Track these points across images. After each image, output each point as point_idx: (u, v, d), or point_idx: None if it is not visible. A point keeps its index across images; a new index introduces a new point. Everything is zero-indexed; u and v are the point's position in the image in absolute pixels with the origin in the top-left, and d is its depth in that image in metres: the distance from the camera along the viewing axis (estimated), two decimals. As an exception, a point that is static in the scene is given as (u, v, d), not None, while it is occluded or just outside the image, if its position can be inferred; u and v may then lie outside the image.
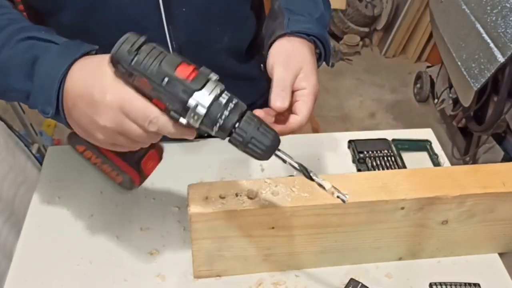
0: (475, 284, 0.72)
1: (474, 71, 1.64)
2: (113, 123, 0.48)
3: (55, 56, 0.51)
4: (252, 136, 0.48)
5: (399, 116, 2.46)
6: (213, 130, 0.48)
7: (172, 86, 0.45)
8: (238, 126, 0.48)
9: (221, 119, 0.47)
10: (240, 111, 0.48)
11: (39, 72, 0.51)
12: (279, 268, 0.71)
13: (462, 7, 1.73)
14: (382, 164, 0.87)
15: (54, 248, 0.73)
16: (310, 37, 0.64)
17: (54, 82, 0.50)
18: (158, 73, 0.45)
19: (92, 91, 0.48)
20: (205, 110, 0.46)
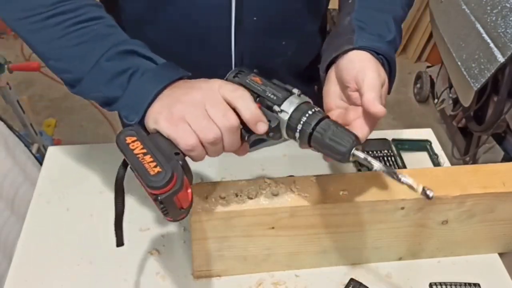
0: (475, 284, 0.72)
1: (474, 71, 1.64)
2: (208, 91, 0.52)
3: (153, 75, 0.55)
4: (331, 136, 0.53)
5: (399, 116, 2.46)
6: (295, 134, 0.54)
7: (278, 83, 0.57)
8: (318, 126, 0.53)
9: (304, 117, 0.53)
10: (319, 116, 0.54)
11: (133, 85, 0.55)
12: (279, 268, 0.71)
13: (462, 7, 1.73)
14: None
15: (54, 248, 0.73)
16: (380, 56, 0.60)
17: (147, 97, 0.53)
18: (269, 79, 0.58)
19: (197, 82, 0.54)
20: (300, 101, 0.54)
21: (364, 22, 0.63)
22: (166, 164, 0.49)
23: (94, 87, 0.57)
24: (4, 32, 2.79)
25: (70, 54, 0.58)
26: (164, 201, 0.50)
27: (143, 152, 0.51)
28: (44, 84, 2.48)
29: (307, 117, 0.53)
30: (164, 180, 0.48)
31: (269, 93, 0.55)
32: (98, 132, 2.25)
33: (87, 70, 0.56)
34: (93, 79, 0.57)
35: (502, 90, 1.60)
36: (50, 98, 2.43)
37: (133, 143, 0.52)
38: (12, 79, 1.65)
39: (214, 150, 0.54)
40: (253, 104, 0.53)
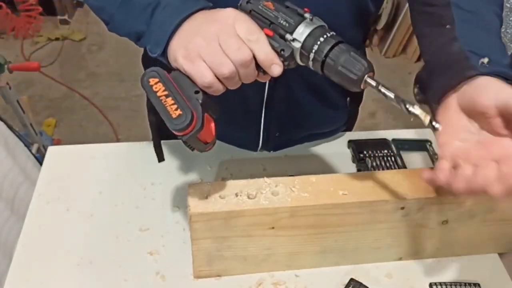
0: (475, 284, 0.72)
1: (474, 71, 1.64)
2: (221, 22, 0.53)
3: (174, 8, 0.56)
4: (343, 63, 0.52)
5: (399, 116, 2.45)
6: (311, 52, 0.53)
7: (292, 7, 0.55)
8: (331, 53, 0.52)
9: (316, 45, 0.52)
10: (332, 42, 0.53)
11: (156, 19, 0.56)
12: (279, 268, 0.71)
13: (462, 7, 1.73)
14: (382, 164, 0.87)
15: (54, 248, 0.73)
16: (509, 81, 0.55)
17: (168, 30, 0.55)
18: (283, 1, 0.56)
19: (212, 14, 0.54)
20: (315, 26, 0.53)
21: (476, 47, 0.59)
22: (186, 106, 0.53)
23: (124, 22, 0.60)
24: (4, 32, 2.79)
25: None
26: (188, 141, 0.54)
27: (165, 94, 0.54)
28: (44, 84, 2.48)
29: (319, 44, 0.53)
30: (185, 123, 0.52)
31: (281, 20, 0.55)
32: (98, 132, 2.25)
33: (117, 6, 0.60)
34: (122, 13, 0.60)
35: (502, 90, 1.60)
36: (50, 98, 2.43)
37: (155, 85, 0.55)
38: (12, 79, 1.65)
39: (232, 83, 0.54)
40: (267, 47, 0.53)
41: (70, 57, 2.70)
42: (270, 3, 0.56)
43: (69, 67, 2.62)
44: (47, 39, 2.79)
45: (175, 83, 0.55)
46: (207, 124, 0.55)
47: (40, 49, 2.75)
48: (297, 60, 0.55)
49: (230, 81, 0.54)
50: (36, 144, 1.72)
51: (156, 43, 0.56)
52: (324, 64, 0.53)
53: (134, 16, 0.58)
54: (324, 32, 0.53)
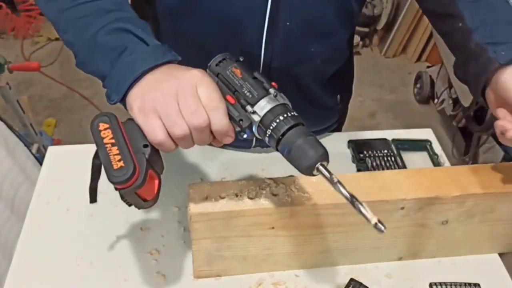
0: (475, 284, 0.72)
1: (474, 71, 1.64)
2: (182, 83, 0.51)
3: (140, 55, 0.55)
4: (298, 146, 0.51)
5: (399, 116, 2.46)
6: (264, 138, 0.53)
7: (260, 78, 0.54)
8: (287, 134, 0.51)
9: (275, 122, 0.52)
10: (294, 122, 0.52)
11: (121, 64, 0.55)
12: (279, 268, 0.71)
13: (462, 7, 1.73)
14: (382, 164, 0.87)
15: (54, 248, 0.73)
16: None
17: (129, 77, 0.54)
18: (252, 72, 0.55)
19: (177, 69, 0.54)
20: (277, 103, 0.53)
21: (491, 36, 0.62)
22: (130, 160, 0.51)
23: (89, 60, 0.59)
24: (4, 32, 2.79)
25: (74, 26, 0.60)
26: (125, 195, 0.53)
27: (111, 142, 0.52)
28: (44, 84, 2.48)
29: (278, 122, 0.52)
30: (125, 177, 0.50)
31: (245, 90, 0.54)
32: (98, 132, 2.25)
33: (83, 43, 0.58)
34: (89, 52, 0.58)
35: (502, 90, 1.60)
36: (50, 98, 2.43)
37: (104, 131, 0.54)
38: (12, 79, 1.65)
39: (185, 144, 0.53)
40: (225, 118, 0.52)
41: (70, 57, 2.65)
42: (239, 70, 0.55)
43: (69, 67, 2.62)
44: (47, 39, 2.79)
45: (126, 132, 0.53)
46: (150, 181, 0.53)
47: (40, 49, 2.75)
48: (254, 132, 0.54)
49: (182, 142, 0.53)
50: (36, 144, 1.72)
51: (115, 89, 0.55)
52: (278, 143, 0.52)
53: (99, 55, 0.57)
54: (285, 111, 0.52)
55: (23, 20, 2.76)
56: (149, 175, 0.52)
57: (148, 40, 0.56)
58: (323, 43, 0.76)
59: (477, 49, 0.62)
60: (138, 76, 0.53)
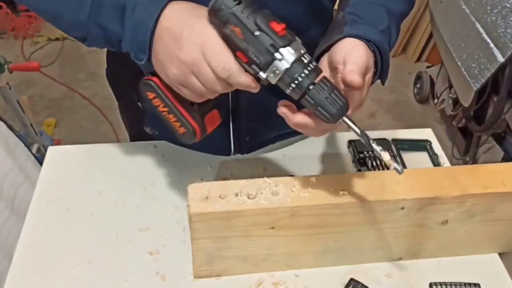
0: (475, 284, 0.72)
1: (474, 71, 1.64)
2: (191, 59, 0.52)
3: (144, 6, 0.55)
4: (321, 102, 0.51)
5: (399, 116, 2.46)
6: (288, 88, 0.52)
7: (262, 37, 0.50)
8: (312, 89, 0.51)
9: (299, 78, 0.51)
10: (317, 74, 0.52)
11: (129, 23, 0.55)
12: (279, 268, 0.71)
13: (462, 7, 1.73)
14: (382, 164, 0.87)
15: (54, 248, 0.73)
16: (370, 43, 0.60)
17: (146, 32, 0.54)
18: (254, 24, 0.50)
19: (181, 26, 0.52)
20: (287, 66, 0.50)
21: (357, 14, 0.64)
22: (187, 122, 0.58)
23: (100, 29, 0.59)
24: (4, 32, 2.79)
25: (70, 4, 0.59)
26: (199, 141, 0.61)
27: (166, 110, 0.58)
28: (44, 84, 2.48)
29: (303, 77, 0.51)
30: (191, 139, 0.59)
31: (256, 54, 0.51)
32: (98, 132, 2.25)
33: (87, 15, 0.58)
34: (95, 21, 0.58)
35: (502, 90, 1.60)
36: (50, 98, 2.43)
37: (155, 100, 0.58)
38: (12, 79, 1.65)
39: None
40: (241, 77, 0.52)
41: (70, 57, 2.70)
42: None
43: (69, 67, 2.62)
44: (47, 39, 2.79)
45: (171, 94, 0.57)
46: (210, 121, 0.61)
47: (40, 49, 2.75)
48: (272, 82, 0.53)
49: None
50: (36, 144, 1.71)
51: (139, 50, 0.56)
52: (304, 96, 0.52)
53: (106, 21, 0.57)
54: (307, 64, 0.51)
55: (23, 20, 2.76)
56: (207, 119, 0.60)
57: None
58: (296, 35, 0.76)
59: (341, 20, 0.64)
60: (152, 31, 0.54)
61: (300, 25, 0.74)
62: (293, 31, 0.64)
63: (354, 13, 0.64)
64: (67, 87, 2.48)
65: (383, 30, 0.63)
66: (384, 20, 0.64)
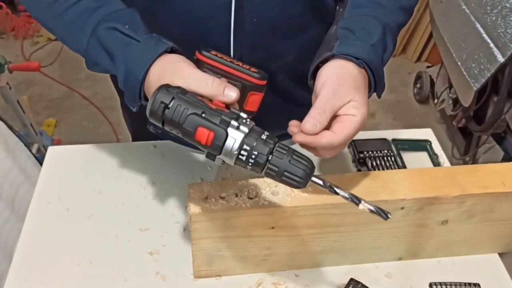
0: (475, 284, 0.72)
1: (474, 71, 1.64)
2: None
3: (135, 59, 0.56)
4: (284, 169, 0.50)
5: (399, 116, 2.46)
6: (247, 168, 0.51)
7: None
8: (270, 161, 0.50)
9: (252, 157, 0.50)
10: (270, 145, 0.50)
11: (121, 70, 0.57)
12: (279, 268, 0.71)
13: (462, 7, 1.73)
14: (382, 164, 0.87)
15: (54, 248, 0.73)
16: (359, 61, 0.59)
17: (136, 85, 0.56)
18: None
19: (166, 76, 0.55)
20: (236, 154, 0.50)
21: (349, 28, 0.62)
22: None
23: (95, 63, 0.61)
24: (4, 32, 2.79)
25: (71, 32, 0.62)
26: None
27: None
28: (44, 84, 2.48)
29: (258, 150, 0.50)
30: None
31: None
32: (98, 132, 2.25)
33: (85, 47, 0.60)
34: (90, 55, 0.61)
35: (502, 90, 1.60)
36: (50, 98, 2.43)
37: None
38: (12, 79, 1.65)
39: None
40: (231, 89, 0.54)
41: (70, 57, 2.70)
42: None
43: (69, 67, 2.62)
44: (47, 39, 2.79)
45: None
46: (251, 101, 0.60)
47: (40, 49, 2.75)
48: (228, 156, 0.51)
49: None
50: (36, 144, 1.72)
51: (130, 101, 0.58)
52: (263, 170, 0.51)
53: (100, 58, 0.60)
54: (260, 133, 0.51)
55: (23, 20, 2.76)
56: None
57: (136, 37, 0.57)
58: (294, 40, 0.75)
59: (334, 34, 0.63)
60: (141, 83, 0.56)
61: (301, 23, 0.74)
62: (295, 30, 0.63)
63: (346, 27, 0.63)
64: (67, 87, 2.48)
65: (374, 44, 0.61)
66: (376, 33, 0.62)
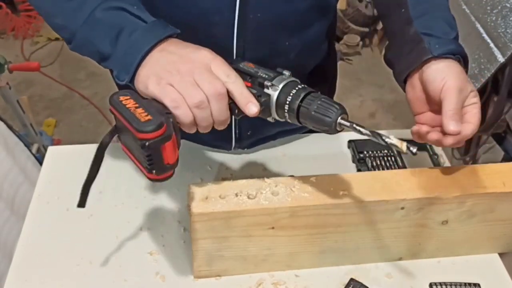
0: (475, 284, 0.72)
1: (474, 71, 1.64)
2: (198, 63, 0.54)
3: (141, 33, 0.56)
4: (316, 109, 0.54)
5: (399, 116, 2.45)
6: (284, 110, 0.56)
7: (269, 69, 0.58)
8: (304, 101, 0.55)
9: (291, 94, 0.55)
10: (306, 91, 0.55)
11: (123, 44, 0.57)
12: (279, 268, 0.71)
13: (462, 7, 1.73)
14: (382, 164, 0.87)
15: (54, 248, 0.73)
16: (456, 56, 0.64)
17: (136, 57, 0.55)
18: None
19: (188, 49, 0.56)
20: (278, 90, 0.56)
21: (429, 28, 0.65)
22: (157, 114, 0.51)
23: (87, 41, 0.60)
24: (4, 32, 2.79)
25: (66, 8, 0.60)
26: (151, 147, 0.51)
27: (135, 106, 0.53)
28: (44, 84, 2.48)
29: (294, 92, 0.55)
30: (154, 125, 0.50)
31: (261, 73, 0.58)
32: (98, 132, 2.25)
33: (80, 24, 0.59)
34: (85, 32, 0.59)
35: (502, 90, 1.60)
36: (50, 98, 2.43)
37: (126, 100, 0.54)
38: (12, 79, 1.65)
39: (202, 117, 0.54)
40: (244, 87, 0.55)
41: (70, 57, 2.70)
42: (251, 64, 0.60)
43: (69, 67, 2.62)
44: (47, 39, 2.79)
45: (148, 104, 0.53)
46: (174, 142, 0.53)
47: (40, 49, 2.75)
48: (272, 111, 0.57)
49: (200, 111, 0.53)
50: (36, 144, 1.72)
51: (124, 68, 0.56)
52: (299, 111, 0.55)
53: (98, 35, 0.59)
54: (296, 85, 0.57)
55: (23, 20, 2.76)
56: (173, 139, 0.53)
57: (145, 17, 0.58)
58: (297, 37, 0.76)
59: (415, 37, 0.66)
60: (144, 55, 0.55)
61: (306, 20, 0.75)
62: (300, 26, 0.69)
63: (425, 26, 0.66)
64: (67, 87, 2.48)
65: (455, 37, 0.66)
66: (453, 25, 0.67)
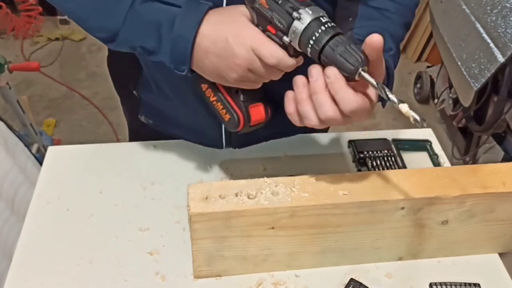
0: (475, 284, 0.72)
1: (474, 71, 1.64)
2: (246, 61, 0.57)
3: (181, 22, 0.58)
4: (340, 54, 0.54)
5: (399, 116, 2.45)
6: (307, 47, 0.55)
7: (283, 3, 0.56)
8: (329, 44, 0.54)
9: (316, 35, 0.54)
10: (334, 32, 0.54)
11: (167, 39, 0.59)
12: (279, 268, 0.71)
13: (462, 7, 1.73)
14: (382, 164, 0.87)
15: (54, 248, 0.73)
16: None
17: (187, 46, 0.58)
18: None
19: (226, 35, 0.57)
20: (305, 25, 0.55)
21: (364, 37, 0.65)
22: (232, 109, 0.66)
23: (129, 40, 0.61)
24: (4, 32, 2.79)
25: (100, 9, 0.61)
26: (244, 131, 0.69)
27: (215, 99, 0.67)
28: (44, 84, 2.48)
29: (319, 33, 0.54)
30: (235, 125, 0.67)
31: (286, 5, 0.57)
32: (98, 132, 2.25)
33: (121, 22, 0.60)
34: (127, 31, 0.61)
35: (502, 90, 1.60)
36: (50, 98, 2.43)
37: (207, 91, 0.67)
38: (12, 79, 1.65)
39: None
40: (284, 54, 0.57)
41: (70, 57, 2.70)
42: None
43: (69, 67, 2.62)
44: (47, 39, 2.79)
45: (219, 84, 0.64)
46: (254, 112, 0.67)
47: (40, 49, 2.75)
48: (295, 46, 0.57)
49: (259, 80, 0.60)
50: (36, 144, 1.72)
51: (180, 63, 0.59)
52: (322, 51, 0.55)
53: (140, 33, 0.60)
54: (324, 23, 0.55)
55: (23, 20, 2.75)
56: (251, 109, 0.67)
57: (176, 2, 0.59)
58: None
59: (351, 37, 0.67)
60: (192, 45, 0.58)
61: None
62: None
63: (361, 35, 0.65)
64: (67, 87, 2.48)
65: (391, 54, 0.67)
66: (393, 45, 0.68)
